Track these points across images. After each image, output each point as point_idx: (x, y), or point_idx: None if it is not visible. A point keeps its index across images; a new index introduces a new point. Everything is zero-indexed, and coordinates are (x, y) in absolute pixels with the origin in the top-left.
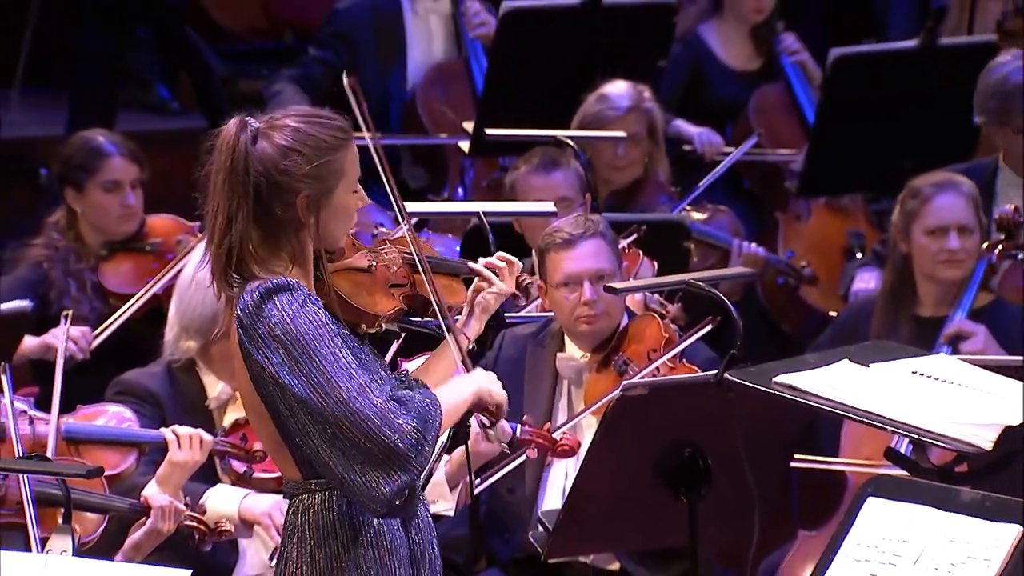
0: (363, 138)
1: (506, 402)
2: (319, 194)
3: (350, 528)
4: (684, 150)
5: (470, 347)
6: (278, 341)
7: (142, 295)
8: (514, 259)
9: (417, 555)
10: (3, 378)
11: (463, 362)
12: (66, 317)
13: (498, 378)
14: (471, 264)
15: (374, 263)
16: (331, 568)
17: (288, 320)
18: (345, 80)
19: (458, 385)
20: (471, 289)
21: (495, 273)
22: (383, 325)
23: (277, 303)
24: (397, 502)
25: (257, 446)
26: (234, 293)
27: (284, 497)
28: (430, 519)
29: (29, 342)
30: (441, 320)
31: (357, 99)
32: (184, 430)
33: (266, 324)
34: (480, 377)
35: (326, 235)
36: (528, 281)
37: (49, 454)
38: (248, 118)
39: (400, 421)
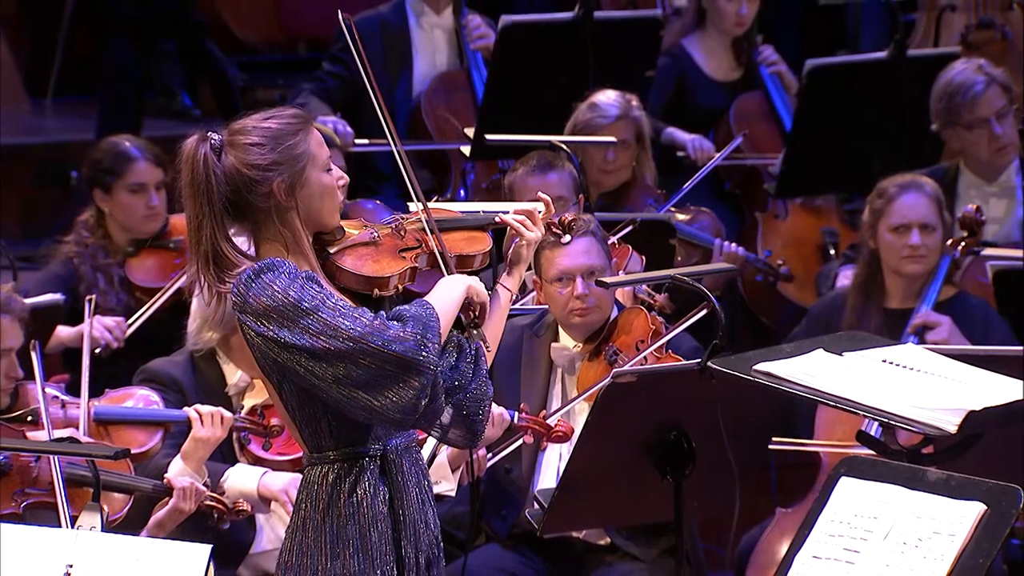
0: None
1: (488, 304)
2: (292, 177)
3: (335, 500)
4: (678, 156)
5: (513, 297)
6: (271, 310)
7: (169, 288)
8: (545, 201)
9: (401, 526)
10: (34, 356)
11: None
12: (90, 302)
13: (496, 367)
14: (499, 216)
15: (377, 234)
16: (317, 536)
17: (273, 290)
18: (340, 17)
19: (448, 286)
20: (506, 241)
21: (523, 224)
22: (399, 286)
23: (263, 280)
24: (423, 403)
25: (274, 421)
26: (227, 289)
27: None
28: (426, 494)
29: (66, 332)
30: (445, 271)
31: (352, 36)
32: (206, 408)
33: (256, 301)
34: (466, 278)
35: (312, 214)
36: (571, 219)
37: (80, 436)
38: (209, 132)
39: (399, 333)
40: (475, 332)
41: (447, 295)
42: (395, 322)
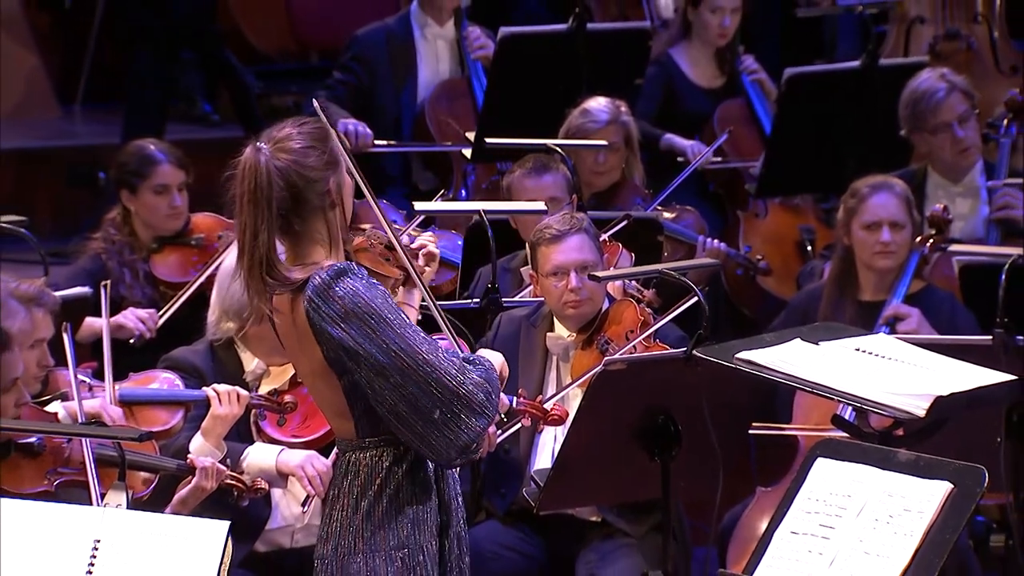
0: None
1: (506, 371)
2: (338, 176)
3: (391, 479)
4: (679, 161)
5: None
6: (354, 315)
7: (195, 282)
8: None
9: (444, 502)
10: (66, 338)
11: (444, 321)
12: (105, 288)
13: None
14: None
15: (370, 245)
16: (372, 512)
17: (359, 296)
18: (315, 102)
19: (491, 356)
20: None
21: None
22: (396, 291)
23: (345, 283)
24: (473, 446)
25: (288, 398)
26: (267, 298)
27: (338, 452)
28: (456, 473)
29: (99, 322)
30: (415, 276)
31: (326, 115)
32: (223, 387)
33: (339, 303)
34: (498, 355)
35: (347, 211)
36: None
37: (111, 409)
38: (259, 143)
39: (474, 376)
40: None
41: (496, 361)
42: (466, 362)
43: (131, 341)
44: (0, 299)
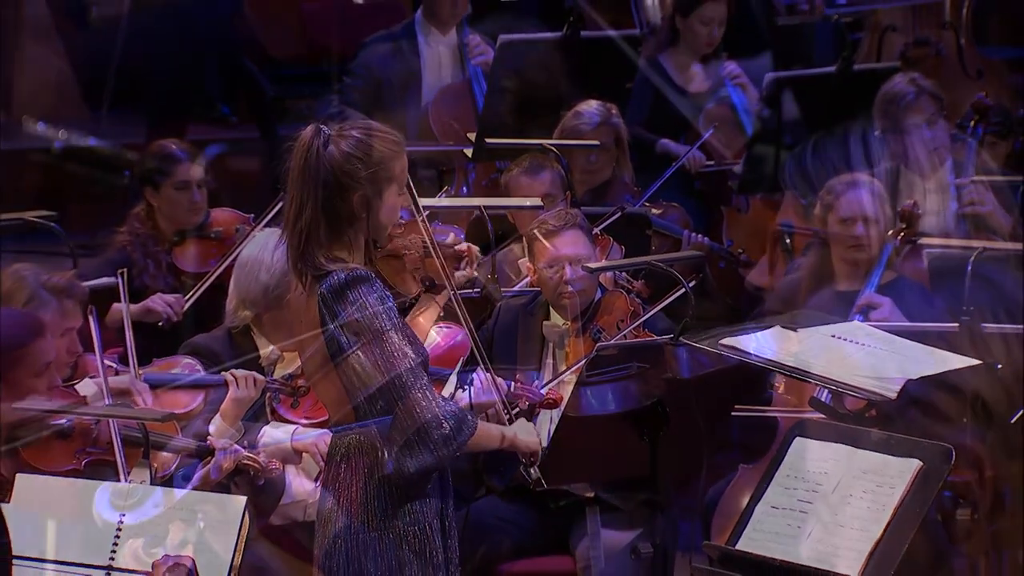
0: None
1: (538, 450)
2: (372, 194)
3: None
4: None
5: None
6: (357, 324)
7: (214, 273)
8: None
9: (446, 484)
10: (91, 320)
11: (470, 330)
12: (121, 275)
13: (496, 342)
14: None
15: (405, 252)
16: (384, 495)
17: (367, 307)
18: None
19: (497, 427)
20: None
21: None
22: (408, 303)
23: (359, 290)
24: (416, 478)
25: (301, 383)
26: (306, 280)
27: (336, 436)
28: None
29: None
30: (452, 294)
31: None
32: (241, 372)
33: (346, 307)
34: (515, 428)
35: (374, 228)
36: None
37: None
38: (322, 126)
39: (441, 413)
40: (530, 471)
41: (492, 432)
42: (443, 399)
43: (159, 324)
44: (33, 290)
